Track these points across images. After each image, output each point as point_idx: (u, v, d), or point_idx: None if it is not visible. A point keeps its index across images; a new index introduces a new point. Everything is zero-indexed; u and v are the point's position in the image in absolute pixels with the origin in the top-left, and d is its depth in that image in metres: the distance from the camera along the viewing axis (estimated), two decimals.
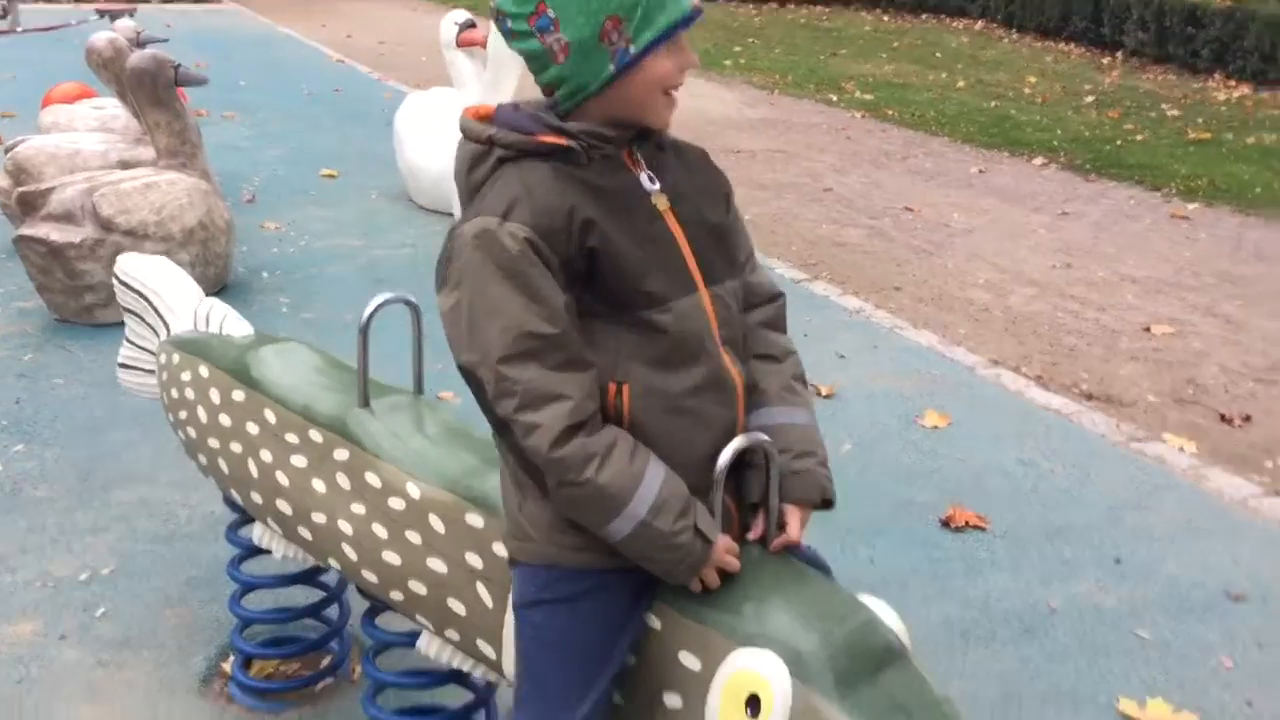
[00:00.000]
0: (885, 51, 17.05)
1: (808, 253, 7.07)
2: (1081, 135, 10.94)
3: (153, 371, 3.01)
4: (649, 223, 1.80)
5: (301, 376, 2.60)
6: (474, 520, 2.12)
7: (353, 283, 5.95)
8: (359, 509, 2.33)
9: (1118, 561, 3.60)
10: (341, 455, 2.38)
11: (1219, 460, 4.42)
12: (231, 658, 2.92)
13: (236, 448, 2.64)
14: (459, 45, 7.05)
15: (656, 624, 1.85)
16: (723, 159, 4.54)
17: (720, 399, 1.83)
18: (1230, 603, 3.39)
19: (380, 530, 2.29)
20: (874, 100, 12.75)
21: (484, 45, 6.74)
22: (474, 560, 2.12)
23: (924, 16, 21.36)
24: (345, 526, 2.36)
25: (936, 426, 4.53)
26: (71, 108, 7.11)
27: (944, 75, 14.76)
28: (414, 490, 2.23)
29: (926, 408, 4.66)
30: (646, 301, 1.76)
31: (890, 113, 12.05)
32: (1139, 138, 10.88)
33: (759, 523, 1.88)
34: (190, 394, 2.78)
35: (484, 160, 1.81)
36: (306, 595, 2.91)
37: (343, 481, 2.37)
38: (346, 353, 2.62)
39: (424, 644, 2.30)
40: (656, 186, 1.83)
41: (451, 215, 6.46)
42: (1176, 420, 4.86)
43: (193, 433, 2.80)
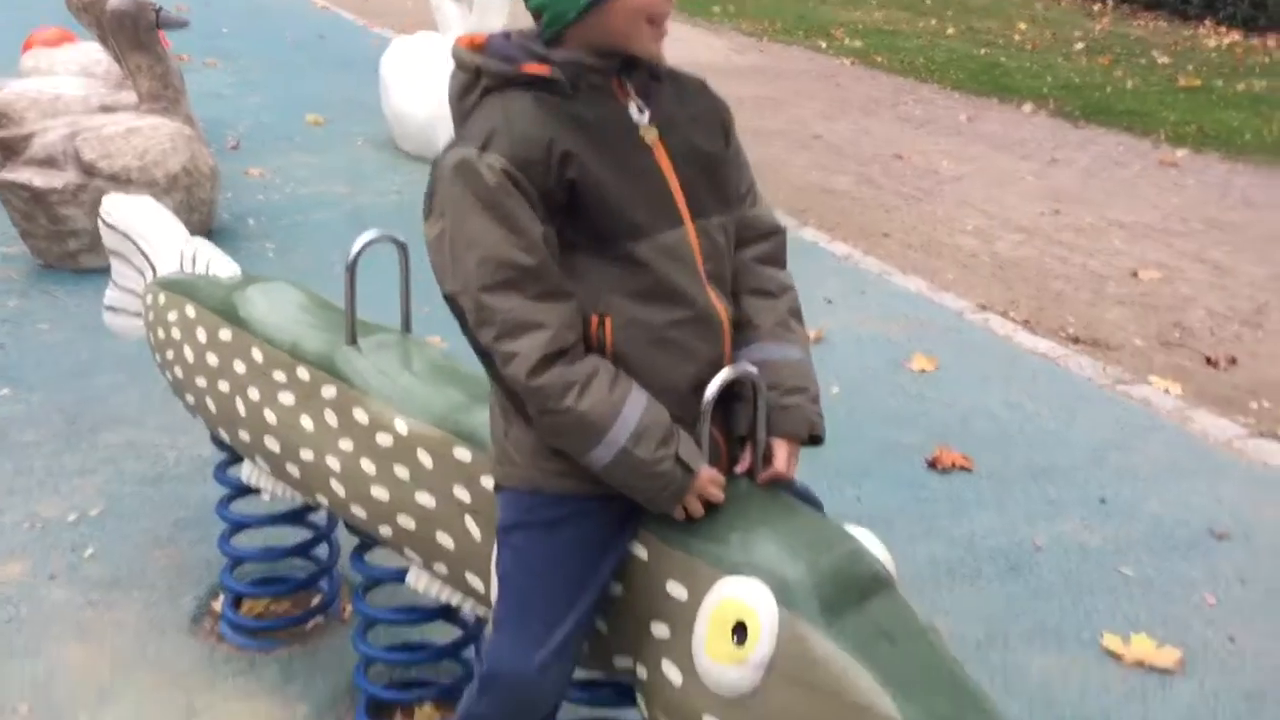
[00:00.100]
0: None
1: (796, 199, 7.05)
2: (1071, 82, 10.89)
3: (139, 314, 3.00)
4: (634, 155, 1.79)
5: (288, 315, 2.60)
6: (461, 455, 2.13)
7: (339, 229, 5.91)
8: (347, 445, 2.33)
9: (1103, 501, 3.62)
10: (329, 392, 2.38)
11: (1204, 402, 4.45)
12: (221, 597, 2.93)
13: (224, 386, 2.63)
14: None
15: (643, 554, 1.86)
16: None
17: (703, 334, 1.83)
18: (1214, 541, 3.42)
19: (368, 466, 2.29)
20: (863, 47, 12.66)
21: None
22: (462, 494, 2.12)
23: None
24: (333, 463, 2.37)
25: (924, 370, 4.54)
26: (52, 52, 7.02)
27: (934, 22, 14.65)
28: (401, 426, 2.23)
29: (914, 352, 4.67)
30: (629, 234, 1.75)
31: (879, 59, 11.97)
32: (1129, 84, 10.84)
33: (746, 455, 1.89)
34: (177, 334, 2.77)
35: (472, 89, 1.81)
36: (296, 536, 2.92)
37: (330, 418, 2.37)
38: (334, 298, 2.61)
39: (413, 578, 2.31)
40: (645, 117, 1.81)
41: None
42: (1162, 363, 4.88)
43: (180, 372, 2.79)
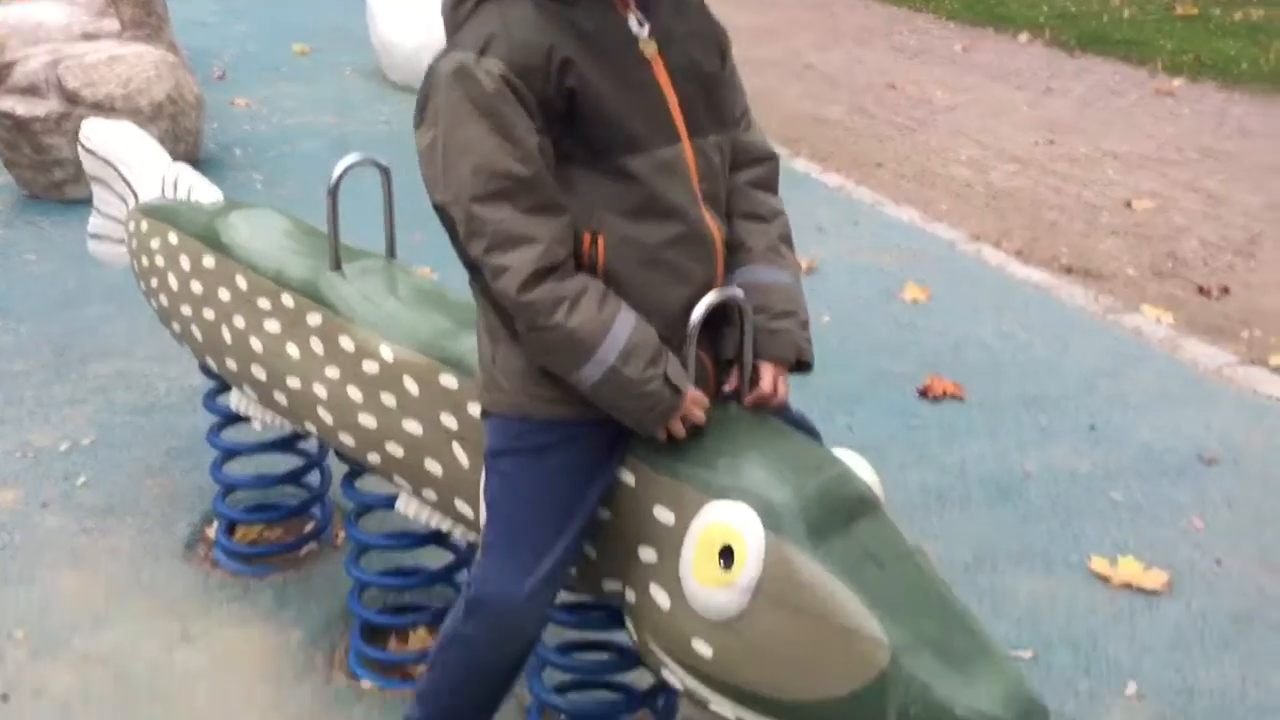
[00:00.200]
0: None
1: (788, 129, 6.98)
2: (1067, 11, 10.77)
3: (123, 241, 2.97)
4: (633, 68, 1.76)
5: (272, 241, 2.57)
6: (448, 381, 2.12)
7: (327, 159, 5.72)
8: (333, 373, 2.32)
9: (1093, 428, 3.63)
10: (314, 320, 2.37)
11: (1195, 331, 4.44)
12: (215, 524, 2.94)
13: (209, 314, 2.61)
14: None
15: (630, 479, 1.86)
16: None
17: (697, 254, 1.81)
18: (1202, 466, 3.43)
19: (355, 393, 2.28)
20: None
21: None
22: (449, 421, 2.12)
23: None
24: (320, 390, 2.36)
25: (916, 300, 4.53)
26: None
27: None
28: (387, 353, 2.22)
29: (906, 281, 4.66)
30: (625, 147, 1.73)
31: None
32: (1125, 13, 10.71)
33: (733, 377, 1.88)
34: (160, 261, 2.74)
35: None
36: (288, 464, 2.92)
37: (316, 346, 2.36)
38: (321, 227, 2.58)
39: (402, 504, 2.31)
40: (645, 30, 1.78)
41: None
42: (1155, 292, 4.87)
43: (165, 301, 2.77)
